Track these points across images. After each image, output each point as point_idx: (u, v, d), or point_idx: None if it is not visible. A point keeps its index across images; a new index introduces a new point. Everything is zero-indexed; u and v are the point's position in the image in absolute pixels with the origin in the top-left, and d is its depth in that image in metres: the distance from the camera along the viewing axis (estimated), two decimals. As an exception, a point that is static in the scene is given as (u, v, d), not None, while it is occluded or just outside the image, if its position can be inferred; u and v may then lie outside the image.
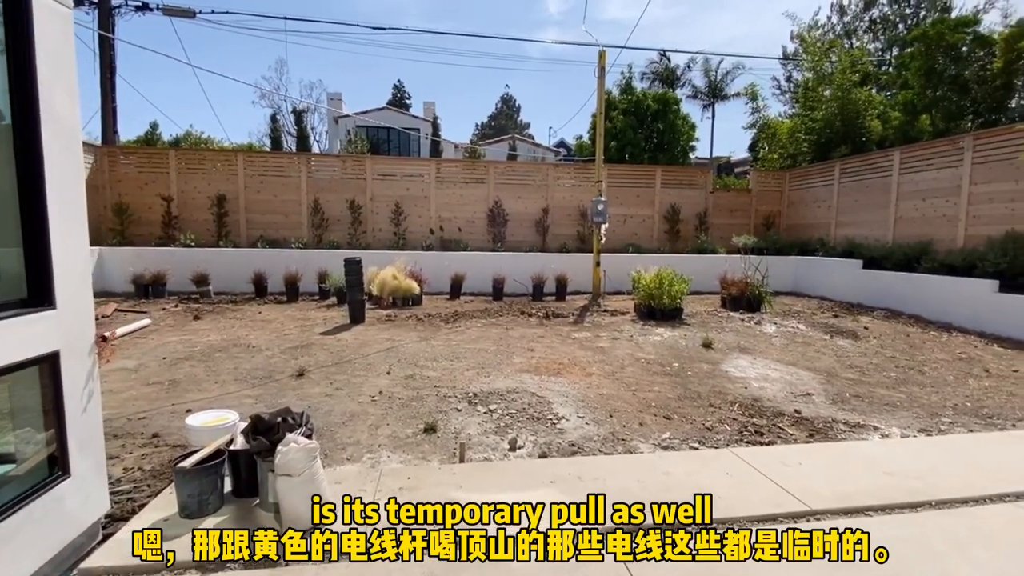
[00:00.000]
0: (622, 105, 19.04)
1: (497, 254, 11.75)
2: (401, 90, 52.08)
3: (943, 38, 10.15)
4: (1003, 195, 8.21)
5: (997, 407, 4.64)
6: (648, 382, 5.07)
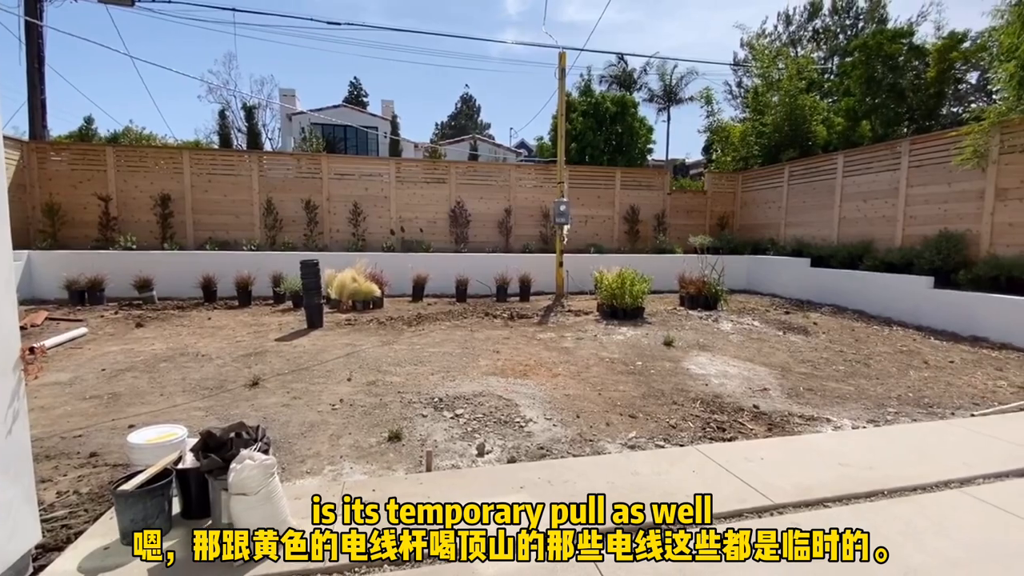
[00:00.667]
0: (581, 107, 19.28)
1: (460, 255, 11.64)
2: (358, 88, 50.96)
3: (882, 48, 10.79)
4: (937, 197, 8.78)
5: (936, 396, 4.93)
6: (613, 381, 5.11)
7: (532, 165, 14.62)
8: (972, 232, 8.15)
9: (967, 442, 3.64)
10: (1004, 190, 7.69)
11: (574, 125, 18.90)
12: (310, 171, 12.03)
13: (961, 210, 8.34)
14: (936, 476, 3.09)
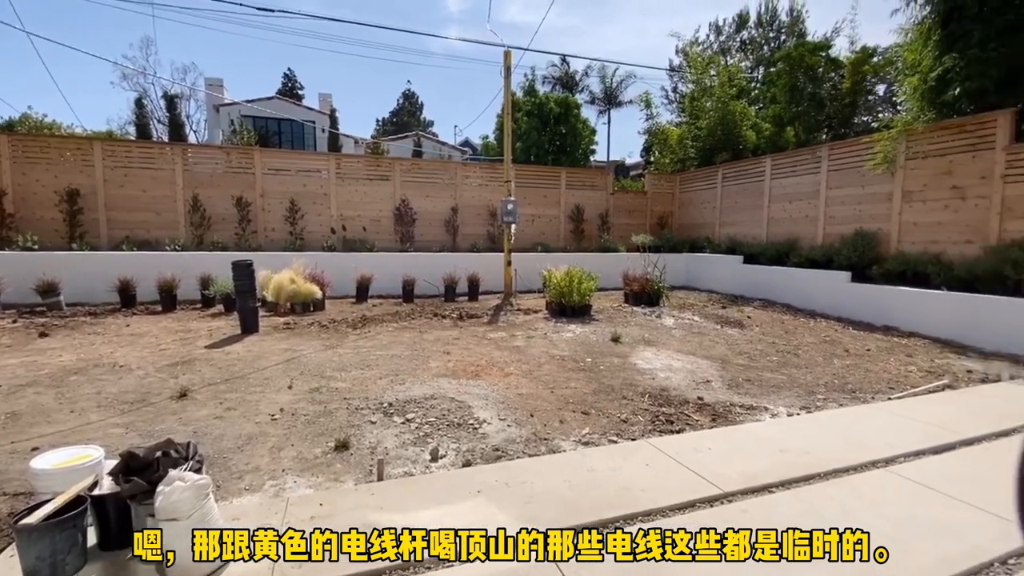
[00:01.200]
0: (526, 107, 19.38)
1: (406, 254, 11.37)
2: (292, 80, 48.67)
3: (803, 60, 11.60)
4: (852, 198, 9.52)
5: (858, 382, 5.32)
6: (565, 379, 5.14)
7: (478, 163, 14.54)
8: (883, 231, 8.90)
9: (888, 424, 3.94)
10: (909, 192, 8.46)
11: (519, 125, 18.97)
12: (242, 166, 11.33)
13: (873, 211, 9.08)
14: (864, 457, 3.31)
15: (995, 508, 2.69)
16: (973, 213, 7.53)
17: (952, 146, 7.76)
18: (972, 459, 3.36)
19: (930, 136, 7.98)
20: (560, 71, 39.65)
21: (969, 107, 7.50)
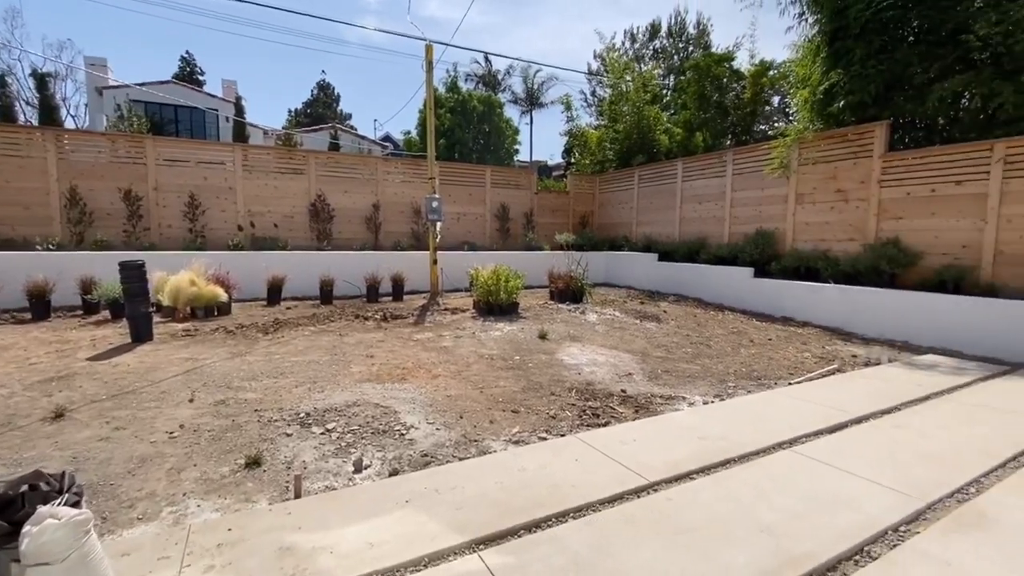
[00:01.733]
0: (449, 103, 19.17)
1: (324, 253, 10.78)
2: (191, 64, 44.55)
3: (710, 69, 12.45)
4: (753, 200, 10.34)
5: (763, 370, 5.76)
6: (494, 378, 5.09)
7: (401, 159, 14.12)
8: (780, 230, 9.75)
9: (790, 408, 4.28)
10: (802, 195, 9.33)
11: (442, 121, 18.71)
12: (131, 155, 10.16)
13: (772, 212, 9.93)
14: (772, 440, 3.57)
15: (884, 480, 2.99)
16: (855, 214, 8.44)
17: (837, 153, 8.65)
18: (862, 436, 3.73)
19: (818, 144, 8.85)
20: (483, 69, 39.63)
21: (851, 119, 8.39)
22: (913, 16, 7.52)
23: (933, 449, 3.46)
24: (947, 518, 2.62)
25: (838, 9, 8.09)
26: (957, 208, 7.17)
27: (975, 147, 6.95)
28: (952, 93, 7.25)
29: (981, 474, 3.10)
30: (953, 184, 7.18)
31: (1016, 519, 2.59)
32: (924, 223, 7.53)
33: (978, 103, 7.26)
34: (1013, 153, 6.59)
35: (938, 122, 7.99)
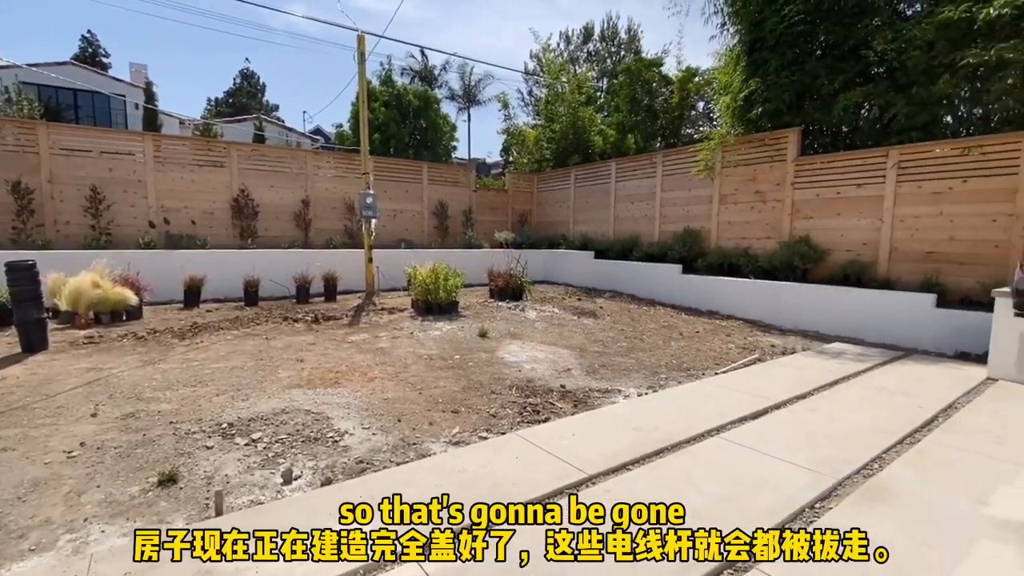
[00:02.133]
0: (383, 97, 18.64)
1: (248, 252, 10.14)
2: (93, 44, 40.48)
3: (641, 74, 12.91)
4: (681, 200, 10.84)
5: (691, 361, 6.04)
6: (433, 378, 5.00)
7: (332, 153, 13.53)
8: (705, 229, 10.29)
9: (717, 396, 4.52)
10: (725, 196, 9.89)
11: (376, 115, 18.16)
12: (20, 143, 9.06)
13: (698, 211, 10.45)
14: (701, 427, 3.74)
15: (800, 460, 3.21)
16: (772, 214, 9.06)
17: (756, 157, 9.24)
18: (781, 420, 4.00)
19: (739, 148, 9.42)
20: (419, 64, 38.90)
21: (768, 124, 8.99)
22: (820, 31, 8.16)
23: (841, 430, 3.76)
24: (855, 493, 2.85)
25: (756, 21, 8.63)
26: (858, 209, 7.87)
27: (873, 153, 7.67)
28: (854, 103, 7.94)
29: (882, 451, 3.41)
30: (855, 187, 7.88)
31: (912, 491, 2.87)
32: (831, 222, 8.21)
33: (876, 113, 8.00)
34: (905, 159, 7.32)
35: (842, 130, 8.73)
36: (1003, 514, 2.61)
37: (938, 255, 7.08)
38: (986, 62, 6.30)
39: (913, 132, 7.47)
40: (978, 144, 6.66)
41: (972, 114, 7.53)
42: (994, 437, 3.66)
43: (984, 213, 6.68)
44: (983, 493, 2.82)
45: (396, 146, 17.70)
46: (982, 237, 6.71)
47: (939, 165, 7.01)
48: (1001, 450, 3.44)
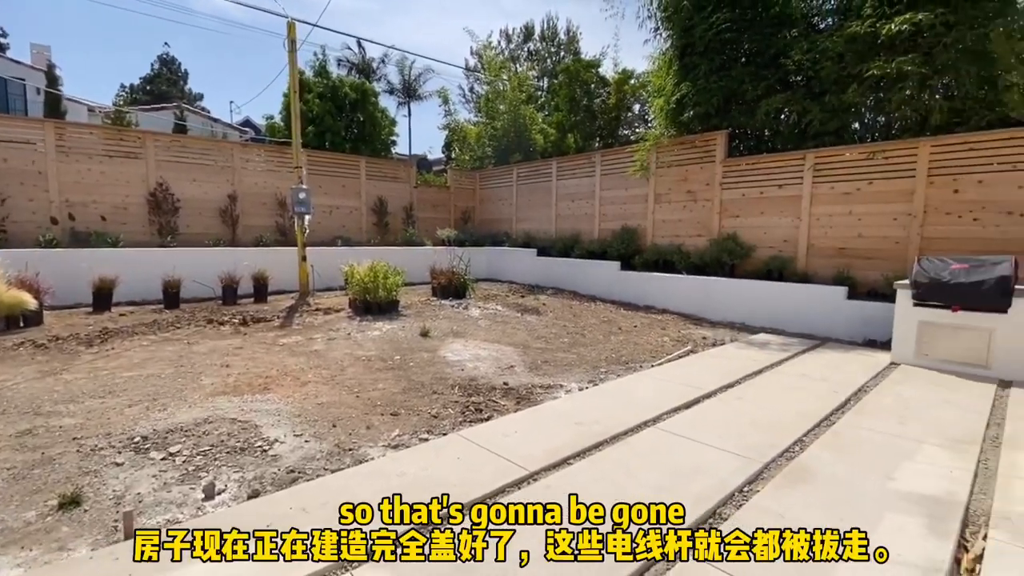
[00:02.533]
0: (317, 88, 17.85)
1: (168, 250, 9.41)
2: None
3: (580, 74, 13.16)
4: (619, 199, 11.14)
5: (630, 354, 6.22)
6: (372, 380, 4.83)
7: (263, 145, 12.81)
8: (642, 227, 10.64)
9: (654, 388, 4.66)
10: (660, 195, 10.26)
11: (310, 107, 17.36)
12: None
13: (635, 210, 10.79)
14: (639, 419, 3.84)
15: (730, 446, 3.37)
16: (702, 212, 9.50)
17: (687, 158, 9.65)
18: (712, 408, 4.18)
19: (672, 149, 9.80)
20: (356, 56, 37.80)
21: (699, 127, 9.41)
22: (745, 40, 8.63)
23: (767, 416, 3.99)
24: (779, 475, 3.02)
25: (686, 27, 9.01)
26: (780, 208, 8.41)
27: (792, 156, 8.21)
28: (775, 109, 8.47)
29: (803, 434, 3.65)
30: (776, 187, 8.41)
31: (829, 470, 3.08)
32: (756, 221, 8.71)
33: (795, 118, 8.57)
34: (820, 162, 7.89)
35: (765, 133, 9.29)
36: (906, 488, 2.86)
37: (849, 251, 7.69)
38: (888, 74, 6.90)
39: (826, 137, 8.06)
40: (881, 149, 7.29)
41: (876, 121, 8.23)
42: (897, 417, 4.01)
43: (887, 212, 7.33)
44: (889, 469, 3.08)
45: (332, 140, 17.00)
46: (885, 234, 7.36)
47: (849, 168, 7.62)
48: (903, 428, 3.77)
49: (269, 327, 6.93)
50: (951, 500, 2.72)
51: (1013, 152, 6.33)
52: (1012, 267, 5.11)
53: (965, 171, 6.67)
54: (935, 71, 6.80)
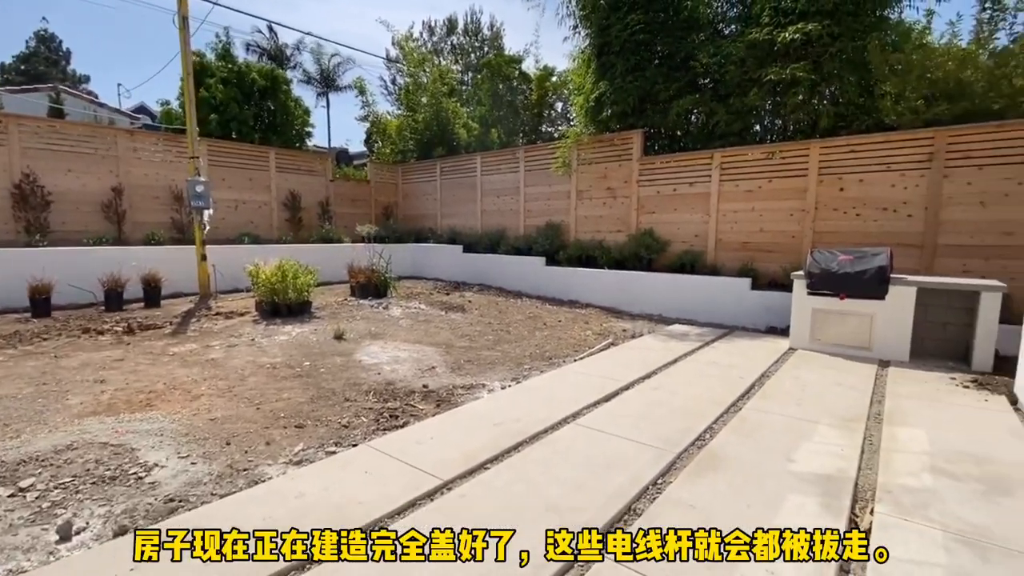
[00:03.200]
0: (221, 73, 16.43)
1: (37, 250, 8.21)
2: None
3: (502, 69, 13.07)
4: (543, 195, 11.20)
5: (553, 350, 6.22)
6: (276, 390, 4.44)
7: (155, 133, 11.50)
8: (565, 223, 10.77)
9: (575, 383, 4.66)
10: (581, 192, 10.43)
11: (213, 93, 15.93)
12: None
13: (559, 206, 10.89)
14: (559, 415, 3.80)
15: (645, 438, 3.40)
16: (621, 209, 9.76)
17: (607, 156, 9.86)
18: (629, 400, 4.23)
19: (593, 147, 9.98)
20: (268, 42, 35.49)
21: (617, 125, 9.64)
22: (658, 42, 8.93)
23: (680, 404, 4.10)
24: (692, 464, 3.08)
25: (603, 27, 9.18)
26: (691, 205, 8.81)
27: (701, 155, 8.62)
28: (685, 110, 8.85)
29: (713, 420, 3.77)
30: (687, 185, 8.80)
31: (736, 455, 3.19)
32: (670, 217, 9.08)
33: (703, 119, 9.01)
34: (726, 161, 8.35)
35: (677, 133, 9.69)
36: (805, 468, 3.01)
37: (752, 244, 8.21)
38: (783, 79, 7.41)
39: (731, 137, 8.55)
40: (779, 149, 7.83)
41: (775, 124, 8.84)
42: (796, 400, 4.27)
43: (783, 208, 7.89)
44: (789, 451, 3.24)
45: (239, 129, 15.72)
46: (783, 228, 7.92)
47: (751, 167, 8.12)
48: (801, 410, 4.01)
49: (159, 335, 6.21)
50: (842, 477, 2.90)
51: (887, 154, 7.02)
52: (888, 258, 5.65)
53: (849, 171, 7.32)
54: (823, 78, 7.39)
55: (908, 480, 2.84)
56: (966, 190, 6.56)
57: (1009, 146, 6.27)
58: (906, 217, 6.94)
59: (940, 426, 3.69)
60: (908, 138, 6.86)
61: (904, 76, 6.97)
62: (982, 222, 6.47)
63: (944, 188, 6.68)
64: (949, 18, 23.91)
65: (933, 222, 6.75)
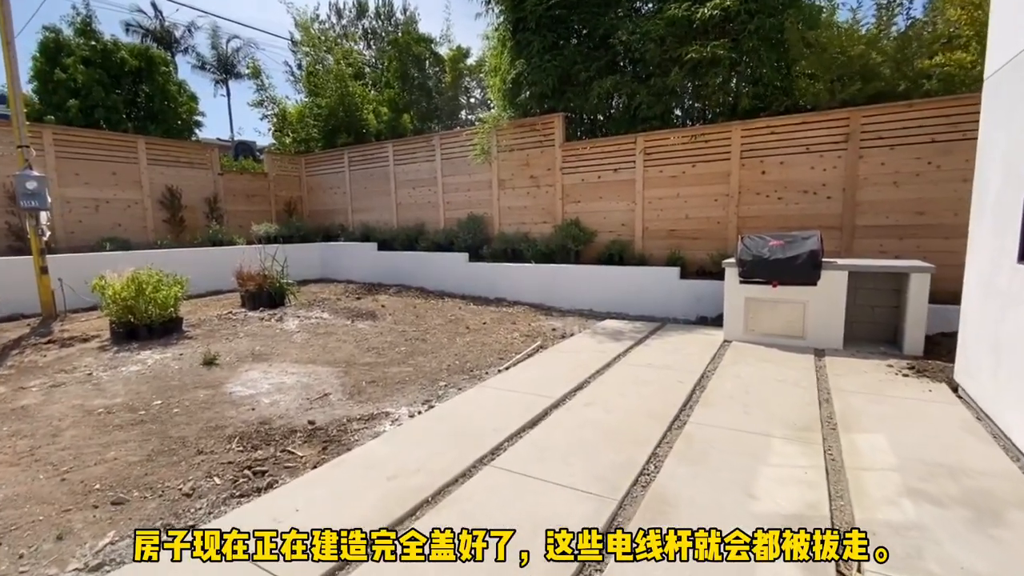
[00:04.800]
0: (82, 52, 14.05)
1: None
2: None
3: (411, 48, 12.03)
4: (464, 186, 10.37)
5: (475, 359, 5.46)
6: (101, 446, 3.34)
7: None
8: (488, 215, 10.02)
9: (496, 403, 3.93)
10: (503, 181, 9.71)
11: (73, 75, 13.57)
12: None
13: (481, 197, 10.11)
14: (473, 456, 3.05)
15: (580, 482, 2.72)
16: (546, 198, 9.15)
17: (528, 141, 9.19)
18: (560, 423, 3.56)
19: (513, 132, 9.27)
20: (152, 21, 31.86)
21: (536, 109, 8.99)
22: (575, 18, 8.35)
23: (617, 424, 3.49)
24: (638, 513, 2.44)
25: (518, 1, 8.46)
26: (617, 192, 8.36)
27: (624, 140, 8.17)
28: (606, 91, 8.35)
29: (656, 444, 3.19)
30: (612, 171, 8.34)
31: (689, 496, 2.59)
32: (596, 206, 8.59)
33: (625, 102, 8.56)
34: (649, 146, 7.95)
35: (599, 117, 9.22)
36: (772, 508, 2.46)
37: (678, 232, 7.89)
38: (704, 57, 7.07)
39: (654, 121, 8.16)
40: (701, 133, 7.52)
41: (695, 107, 8.58)
42: (741, 405, 3.81)
43: (708, 194, 7.61)
44: (748, 482, 2.69)
45: (107, 117, 13.49)
46: (707, 214, 7.65)
47: (674, 152, 7.77)
48: (749, 419, 3.53)
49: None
50: (815, 515, 2.38)
51: (805, 135, 6.88)
52: (819, 241, 5.40)
53: (769, 153, 7.13)
54: (742, 56, 7.14)
55: (889, 513, 2.36)
56: (880, 170, 6.53)
57: (918, 126, 6.27)
58: (826, 199, 6.84)
59: (897, 428, 3.34)
60: (825, 119, 6.75)
61: (819, 55, 6.85)
62: (896, 202, 6.47)
63: (860, 169, 6.62)
64: (850, 4, 25.64)
65: (851, 203, 6.69)
